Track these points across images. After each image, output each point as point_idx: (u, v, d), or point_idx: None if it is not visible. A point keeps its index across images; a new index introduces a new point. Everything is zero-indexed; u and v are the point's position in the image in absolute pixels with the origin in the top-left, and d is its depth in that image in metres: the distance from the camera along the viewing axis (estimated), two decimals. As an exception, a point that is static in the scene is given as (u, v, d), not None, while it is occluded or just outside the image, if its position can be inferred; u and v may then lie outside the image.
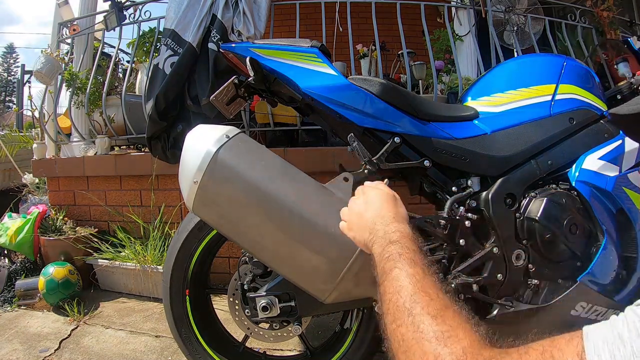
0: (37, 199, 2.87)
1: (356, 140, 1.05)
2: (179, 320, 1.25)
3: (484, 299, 1.09)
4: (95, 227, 2.43)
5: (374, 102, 1.08)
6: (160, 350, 1.64)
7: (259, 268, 1.08)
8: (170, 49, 2.05)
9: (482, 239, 1.12)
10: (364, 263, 0.83)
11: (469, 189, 1.12)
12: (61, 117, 2.84)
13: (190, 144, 0.89)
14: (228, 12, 2.07)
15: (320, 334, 1.71)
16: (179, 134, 2.07)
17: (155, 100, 2.00)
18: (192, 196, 0.84)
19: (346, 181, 0.96)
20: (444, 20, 2.55)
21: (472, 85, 1.35)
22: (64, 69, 2.61)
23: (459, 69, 2.40)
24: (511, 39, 2.81)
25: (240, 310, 1.14)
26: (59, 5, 2.82)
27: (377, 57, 2.45)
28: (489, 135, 1.15)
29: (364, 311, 1.23)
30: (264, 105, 2.34)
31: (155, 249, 2.12)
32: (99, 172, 2.44)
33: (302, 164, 1.59)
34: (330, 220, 0.84)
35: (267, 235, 0.84)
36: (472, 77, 2.51)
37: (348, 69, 2.99)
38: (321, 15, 2.38)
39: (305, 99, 1.08)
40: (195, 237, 1.22)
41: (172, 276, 1.24)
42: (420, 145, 1.10)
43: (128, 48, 2.88)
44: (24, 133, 4.09)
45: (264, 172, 0.86)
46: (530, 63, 1.33)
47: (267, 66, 1.09)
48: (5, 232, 2.28)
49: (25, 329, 1.83)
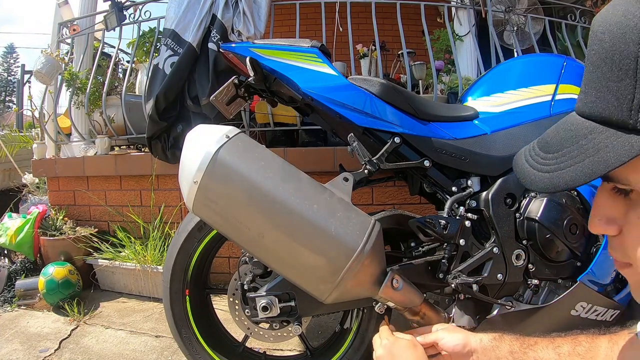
0: (37, 199, 2.87)
1: (356, 140, 1.05)
2: (179, 320, 1.25)
3: (484, 299, 1.09)
4: (95, 227, 2.43)
5: (374, 102, 1.08)
6: (160, 350, 1.64)
7: (259, 268, 1.08)
8: (170, 49, 2.05)
9: (482, 239, 1.12)
10: (364, 263, 0.83)
11: (469, 189, 1.12)
12: (61, 117, 2.84)
13: (190, 144, 0.89)
14: (228, 12, 2.07)
15: (320, 334, 1.71)
16: (179, 134, 2.07)
17: (155, 100, 2.00)
18: (192, 196, 0.84)
19: (346, 181, 0.96)
20: (444, 20, 2.55)
21: (472, 85, 1.35)
22: (64, 69, 2.62)
23: (459, 69, 2.40)
24: (511, 39, 2.82)
25: (240, 310, 1.14)
26: (59, 5, 2.83)
27: (377, 57, 2.45)
28: (489, 136, 1.15)
29: (364, 311, 1.23)
30: (264, 105, 2.34)
31: (155, 249, 2.12)
32: (99, 172, 2.44)
33: (302, 164, 1.60)
34: (330, 220, 0.84)
35: (267, 235, 0.84)
36: (472, 77, 2.51)
37: (348, 69, 2.99)
38: (321, 15, 2.38)
39: (305, 99, 1.08)
40: (195, 237, 1.22)
41: (172, 276, 1.24)
42: (420, 145, 1.10)
43: (128, 48, 2.89)
44: (24, 133, 4.09)
45: (264, 172, 0.86)
46: (530, 63, 1.33)
47: (267, 66, 1.09)
48: (5, 232, 2.28)
49: (25, 329, 1.83)
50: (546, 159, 0.41)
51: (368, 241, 0.84)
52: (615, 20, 0.36)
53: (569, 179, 0.38)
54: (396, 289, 0.89)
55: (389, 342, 0.79)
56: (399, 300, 0.91)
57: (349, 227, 0.84)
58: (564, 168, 0.39)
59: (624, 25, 0.35)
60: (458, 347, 0.75)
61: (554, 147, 0.41)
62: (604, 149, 0.36)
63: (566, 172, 0.38)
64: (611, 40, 0.36)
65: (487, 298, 1.10)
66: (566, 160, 0.39)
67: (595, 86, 0.38)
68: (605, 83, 0.37)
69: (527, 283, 1.12)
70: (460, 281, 1.06)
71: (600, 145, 0.36)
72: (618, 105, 0.35)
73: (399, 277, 0.89)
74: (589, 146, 0.37)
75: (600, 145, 0.36)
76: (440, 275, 1.10)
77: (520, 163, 0.46)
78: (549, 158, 0.41)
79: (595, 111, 0.38)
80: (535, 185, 0.42)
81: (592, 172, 0.36)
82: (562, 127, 0.42)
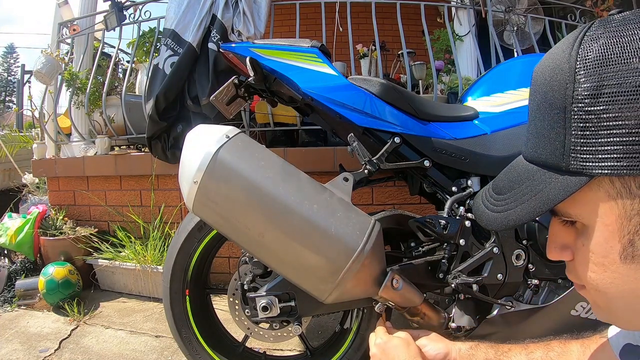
0: (37, 199, 2.87)
1: (356, 140, 1.05)
2: (179, 320, 1.25)
3: (484, 299, 1.09)
4: (95, 227, 2.43)
5: (374, 102, 1.08)
6: (160, 350, 1.64)
7: (259, 268, 1.08)
8: (170, 49, 2.05)
9: (482, 239, 1.12)
10: (364, 263, 0.83)
11: (469, 189, 1.12)
12: (61, 117, 2.84)
13: (190, 144, 0.89)
14: (228, 12, 2.07)
15: (320, 334, 1.71)
16: (179, 134, 2.07)
17: (155, 100, 2.00)
18: (192, 196, 0.84)
19: (346, 181, 0.96)
20: (444, 20, 2.55)
21: (472, 85, 1.35)
22: (64, 69, 2.61)
23: (459, 69, 2.40)
24: (511, 39, 2.82)
25: (240, 310, 1.14)
26: (59, 5, 2.82)
27: (377, 57, 2.45)
28: (489, 136, 1.15)
29: (364, 311, 1.23)
30: (264, 105, 2.34)
31: (155, 249, 2.12)
32: (99, 172, 2.44)
33: (302, 164, 1.60)
34: (330, 220, 0.84)
35: (267, 235, 0.84)
36: (472, 77, 2.51)
37: (348, 69, 2.99)
38: (321, 15, 2.38)
39: (305, 99, 1.08)
40: (195, 237, 1.22)
41: (172, 276, 1.24)
42: (420, 145, 1.10)
43: (128, 48, 2.89)
44: (24, 133, 4.09)
45: (264, 172, 0.86)
46: (531, 63, 1.33)
47: (267, 66, 1.09)
48: (5, 232, 2.28)
49: (25, 329, 1.83)
50: (498, 199, 0.46)
51: (368, 241, 0.84)
52: (548, 72, 0.40)
53: (516, 218, 0.42)
54: (396, 289, 0.89)
55: (382, 340, 0.80)
56: (399, 301, 0.91)
57: (349, 227, 0.84)
58: (512, 208, 0.43)
59: (554, 77, 0.39)
60: (440, 355, 0.78)
61: (504, 190, 0.46)
62: (543, 190, 0.41)
63: (514, 212, 0.43)
64: (543, 92, 0.41)
65: (487, 298, 1.10)
66: (513, 201, 0.44)
67: (534, 133, 0.43)
68: (541, 131, 0.41)
69: (527, 283, 1.12)
70: (460, 281, 1.06)
71: (541, 186, 0.41)
72: (552, 150, 0.40)
73: (399, 277, 0.89)
74: (531, 187, 0.42)
75: (540, 187, 0.41)
76: (440, 275, 1.10)
77: (477, 204, 0.50)
78: (500, 199, 0.46)
79: (535, 156, 0.43)
80: (490, 224, 0.46)
81: (536, 210, 0.41)
82: (511, 170, 0.47)
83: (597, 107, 0.36)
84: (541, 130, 0.41)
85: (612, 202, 0.37)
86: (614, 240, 0.38)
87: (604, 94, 0.35)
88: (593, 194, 0.38)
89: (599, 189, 0.38)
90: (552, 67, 0.40)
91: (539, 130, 0.42)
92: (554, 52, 0.41)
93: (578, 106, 0.37)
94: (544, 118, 0.41)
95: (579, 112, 0.37)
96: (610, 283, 0.39)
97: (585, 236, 0.40)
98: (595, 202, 0.38)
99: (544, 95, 0.41)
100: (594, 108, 0.36)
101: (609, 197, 0.37)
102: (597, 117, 0.36)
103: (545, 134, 0.41)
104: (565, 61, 0.38)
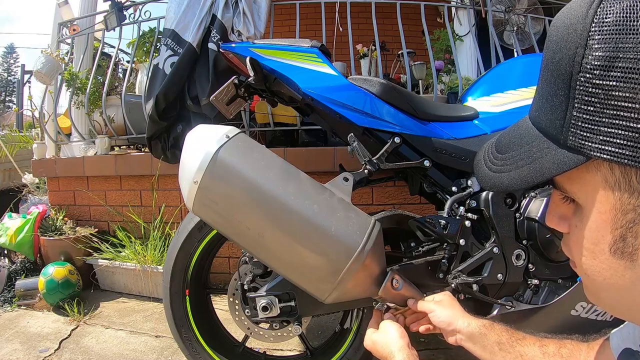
0: (37, 199, 2.87)
1: (356, 140, 1.05)
2: (179, 320, 1.25)
3: (484, 299, 1.09)
4: (95, 227, 2.43)
5: (374, 102, 1.08)
6: (160, 350, 1.64)
7: (259, 268, 1.08)
8: (170, 49, 2.05)
9: (482, 239, 1.12)
10: (364, 263, 0.83)
11: (469, 189, 1.12)
12: (61, 117, 2.84)
13: (190, 144, 0.89)
14: (228, 12, 2.07)
15: (320, 334, 1.71)
16: (179, 134, 2.07)
17: (155, 100, 2.00)
18: (192, 196, 0.84)
19: (346, 181, 0.96)
20: (444, 20, 2.56)
21: (472, 85, 1.35)
22: (64, 69, 2.62)
23: (459, 69, 2.40)
24: (511, 39, 2.82)
25: (240, 310, 1.14)
26: (59, 5, 2.83)
27: (377, 57, 2.45)
28: (489, 136, 1.15)
29: (364, 311, 1.23)
30: (264, 105, 2.34)
31: (155, 249, 2.12)
32: (99, 172, 2.44)
33: (302, 164, 1.60)
34: (330, 220, 0.84)
35: (267, 235, 0.84)
36: (472, 77, 2.51)
37: (348, 69, 2.99)
38: (321, 15, 2.38)
39: (305, 99, 1.08)
40: (195, 237, 1.22)
41: (172, 276, 1.24)
42: (420, 145, 1.10)
43: (128, 48, 2.89)
44: (24, 133, 4.09)
45: (264, 172, 0.86)
46: (530, 63, 1.33)
47: (267, 66, 1.09)
48: (5, 232, 2.28)
49: (25, 329, 1.83)
50: (497, 158, 0.43)
51: (368, 241, 0.84)
52: (561, 29, 0.35)
53: (508, 183, 0.40)
54: (396, 289, 0.89)
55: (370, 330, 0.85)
56: (399, 301, 0.91)
57: (349, 227, 0.84)
58: (506, 171, 0.40)
59: (565, 37, 0.34)
60: (442, 324, 0.79)
61: (504, 148, 0.43)
62: (539, 159, 0.37)
63: (507, 176, 0.40)
64: (552, 50, 0.36)
65: (487, 298, 1.10)
66: (510, 164, 0.40)
67: (540, 93, 0.39)
68: (545, 95, 0.37)
69: (527, 283, 1.12)
70: (460, 281, 1.06)
71: (537, 155, 0.38)
72: (553, 119, 0.36)
73: (399, 277, 0.89)
74: (529, 153, 0.39)
75: (537, 155, 0.38)
76: (440, 275, 1.10)
77: (478, 157, 0.47)
78: (498, 158, 0.43)
79: (537, 120, 0.39)
80: (482, 182, 0.43)
81: (528, 179, 0.38)
82: (514, 129, 0.44)
83: (606, 82, 0.31)
84: (545, 94, 0.37)
85: (608, 190, 0.33)
86: (606, 230, 0.35)
87: (616, 67, 0.30)
88: (590, 177, 0.35)
89: (596, 173, 0.34)
90: (566, 25, 0.34)
91: (544, 90, 0.37)
92: (572, 5, 0.35)
93: (585, 77, 0.32)
94: (549, 81, 0.36)
95: (585, 84, 0.32)
96: (597, 272, 0.37)
97: (579, 217, 0.37)
98: (592, 186, 0.35)
99: (552, 55, 0.36)
100: (603, 82, 0.31)
101: (607, 184, 0.34)
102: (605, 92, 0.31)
103: (548, 98, 0.37)
104: (580, 20, 0.33)
